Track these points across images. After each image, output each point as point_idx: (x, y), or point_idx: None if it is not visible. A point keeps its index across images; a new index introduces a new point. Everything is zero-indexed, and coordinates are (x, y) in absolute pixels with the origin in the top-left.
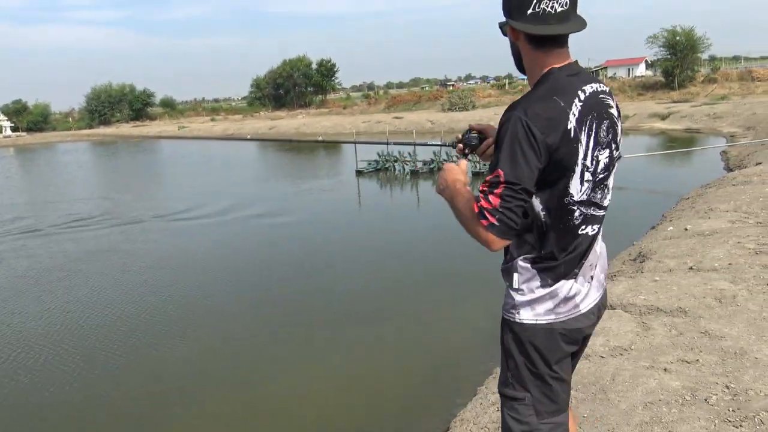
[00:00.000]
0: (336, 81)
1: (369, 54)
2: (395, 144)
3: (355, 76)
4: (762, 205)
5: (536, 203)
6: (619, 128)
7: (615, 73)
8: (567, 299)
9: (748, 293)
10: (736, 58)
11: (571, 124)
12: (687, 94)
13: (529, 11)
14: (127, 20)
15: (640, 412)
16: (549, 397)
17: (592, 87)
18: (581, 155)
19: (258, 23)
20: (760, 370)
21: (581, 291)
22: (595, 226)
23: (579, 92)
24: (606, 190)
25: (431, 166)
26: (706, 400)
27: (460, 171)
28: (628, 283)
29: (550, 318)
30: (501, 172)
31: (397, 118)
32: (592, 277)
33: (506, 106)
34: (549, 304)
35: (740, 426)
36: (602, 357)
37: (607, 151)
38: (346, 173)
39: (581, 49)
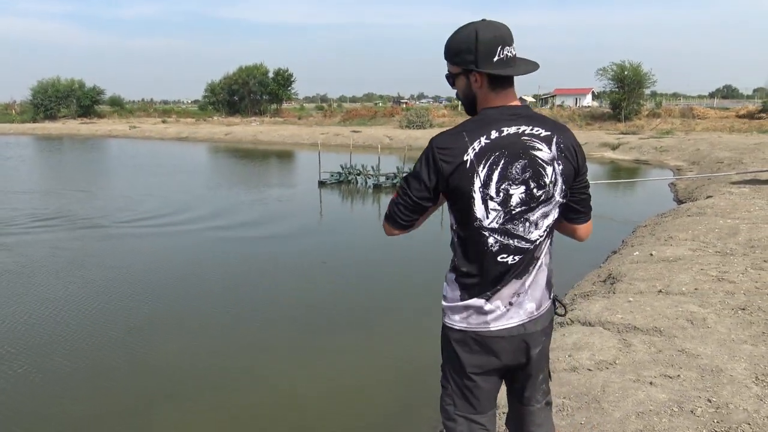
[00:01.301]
0: (292, 91)
1: (322, 66)
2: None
3: (308, 88)
4: (717, 236)
5: (451, 220)
6: (549, 170)
7: (563, 102)
8: (477, 314)
9: (717, 316)
10: (675, 95)
11: (468, 156)
12: (633, 126)
13: (495, 59)
14: (75, 15)
15: (633, 421)
16: (463, 395)
17: (518, 129)
18: (478, 184)
19: (209, 28)
20: (736, 387)
21: (493, 311)
22: (517, 257)
23: (492, 131)
24: (529, 224)
25: (394, 181)
26: (692, 411)
27: None
28: (604, 303)
29: (463, 325)
30: (402, 181)
31: (355, 131)
32: (510, 303)
33: None
34: (463, 313)
35: None
36: (590, 370)
37: (523, 187)
38: (307, 183)
39: (533, 78)
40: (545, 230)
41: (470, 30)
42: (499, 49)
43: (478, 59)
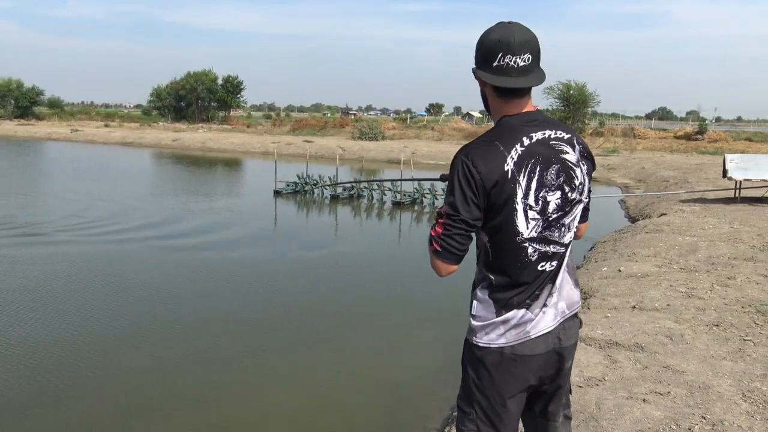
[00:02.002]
0: (242, 99)
1: (270, 75)
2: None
3: (256, 96)
4: (678, 253)
5: (484, 238)
6: (578, 172)
7: None
8: (517, 326)
9: (693, 332)
10: (614, 115)
11: (508, 166)
12: None
13: (494, 64)
14: (11, 12)
15: None
16: (489, 419)
17: (544, 134)
18: (520, 195)
19: (154, 32)
20: (726, 404)
21: (533, 319)
22: (554, 263)
23: (524, 138)
24: (564, 228)
25: (351, 192)
26: (689, 429)
27: None
28: (582, 318)
29: (501, 342)
30: (445, 206)
31: (307, 141)
32: (546, 305)
33: (409, 139)
34: (501, 329)
35: None
36: (580, 386)
37: (558, 192)
38: (262, 193)
39: (478, 92)
40: (574, 231)
41: (489, 29)
42: (499, 55)
43: (480, 60)
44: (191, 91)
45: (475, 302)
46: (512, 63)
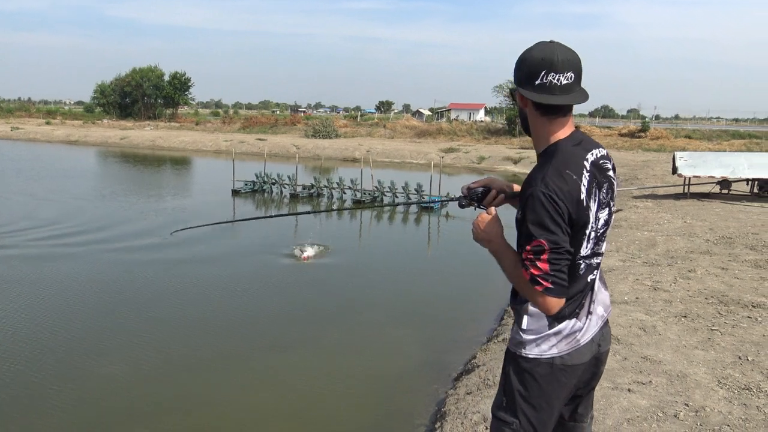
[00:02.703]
0: (190, 96)
1: (217, 72)
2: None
3: (203, 93)
4: (638, 248)
5: None
6: (615, 185)
7: (458, 116)
8: (569, 335)
9: (664, 324)
10: None
11: (583, 194)
12: (526, 141)
13: (537, 82)
14: None
15: (626, 428)
16: (534, 427)
17: (593, 155)
18: (591, 220)
19: (96, 26)
20: (705, 391)
21: (582, 327)
22: (596, 272)
23: (585, 163)
24: (603, 240)
25: (311, 191)
26: (675, 416)
27: (495, 223)
28: None
29: (553, 353)
30: (543, 241)
31: (260, 140)
32: (590, 312)
33: (362, 137)
34: (553, 341)
35: None
36: None
37: (607, 209)
38: (218, 192)
39: (429, 92)
40: None
41: (531, 48)
42: (542, 73)
43: (522, 79)
44: (137, 87)
45: (525, 317)
46: (555, 81)
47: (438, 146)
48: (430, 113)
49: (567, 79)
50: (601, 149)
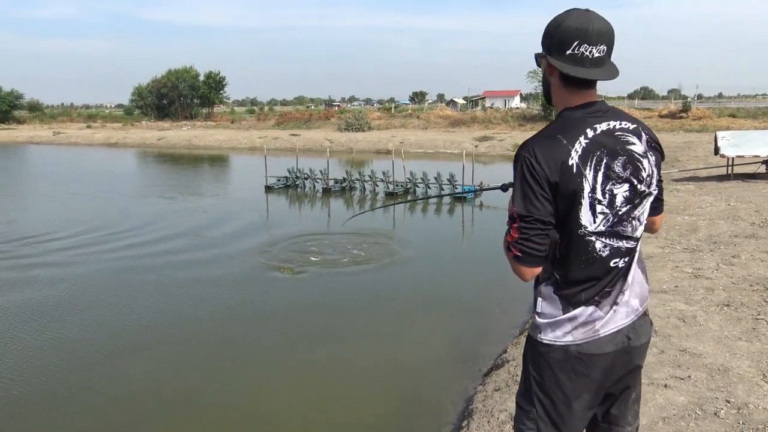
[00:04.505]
0: (225, 95)
1: (251, 70)
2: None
3: (238, 91)
4: (679, 233)
5: (553, 233)
6: (645, 163)
7: (493, 104)
8: (585, 323)
9: (704, 314)
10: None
11: (573, 160)
12: None
13: (568, 52)
14: None
15: (661, 427)
16: (551, 418)
17: (609, 125)
18: (587, 189)
19: (132, 29)
20: (748, 386)
21: (602, 316)
22: (626, 258)
23: (588, 130)
24: (636, 222)
25: (343, 185)
26: (715, 414)
27: None
28: None
29: (567, 340)
30: (514, 208)
31: (294, 135)
32: (617, 303)
33: (396, 129)
34: (567, 327)
35: None
36: None
37: (626, 185)
38: (251, 189)
39: (463, 80)
40: (644, 224)
41: (565, 14)
42: (575, 43)
43: (552, 46)
44: (173, 88)
45: (539, 299)
46: (587, 53)
47: (472, 135)
48: (464, 102)
49: (599, 52)
50: (625, 122)
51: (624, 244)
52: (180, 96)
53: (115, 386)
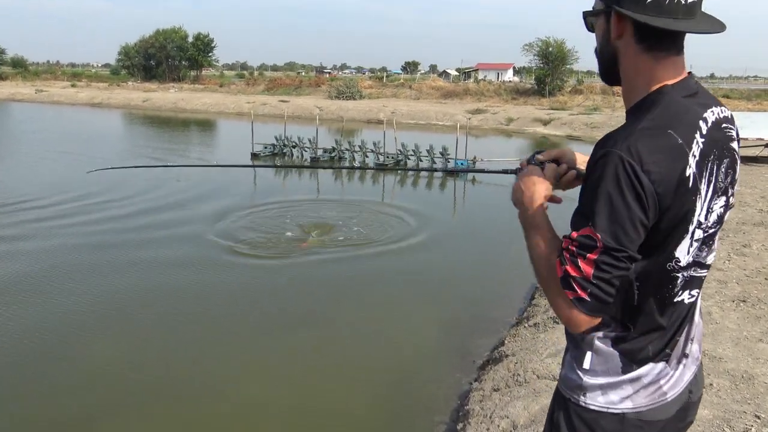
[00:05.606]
0: (213, 57)
1: (242, 34)
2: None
3: (228, 55)
4: None
5: (630, 289)
6: (737, 167)
7: (485, 76)
8: (650, 384)
9: (720, 310)
10: (590, 73)
11: (691, 169)
12: (557, 102)
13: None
14: None
15: None
16: None
17: (714, 113)
18: (698, 211)
19: None
20: None
21: (670, 374)
22: (695, 291)
23: (700, 123)
24: (713, 245)
25: (332, 155)
26: (745, 431)
27: (540, 180)
28: None
29: (626, 406)
30: (598, 235)
31: (283, 101)
32: (686, 355)
33: (387, 98)
34: (627, 390)
35: None
36: None
37: (723, 198)
38: (237, 155)
39: (456, 51)
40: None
41: None
42: None
43: None
44: (161, 49)
45: (589, 353)
46: None
47: (465, 107)
48: (457, 73)
49: None
50: (723, 108)
51: (696, 273)
52: (168, 57)
53: (81, 370)
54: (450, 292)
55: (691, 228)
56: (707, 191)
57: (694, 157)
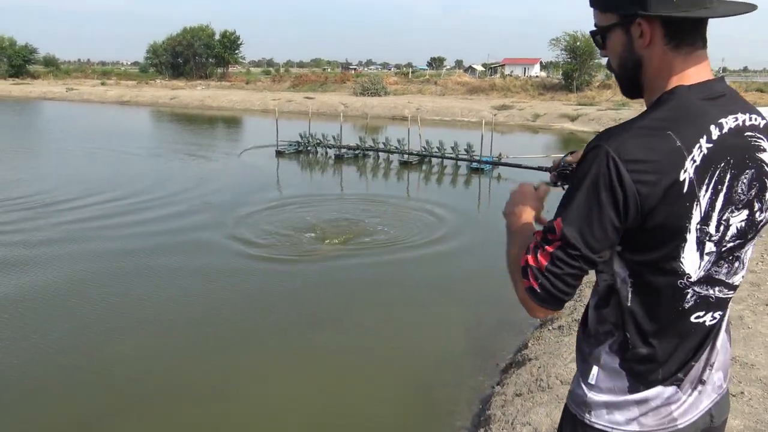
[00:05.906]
0: (239, 55)
1: (268, 30)
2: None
3: (254, 52)
4: None
5: (622, 274)
6: None
7: (512, 71)
8: (659, 408)
9: (752, 314)
10: None
11: (687, 173)
12: (584, 97)
13: None
14: None
15: None
16: None
17: (738, 120)
18: (696, 219)
19: None
20: None
21: (682, 400)
22: (717, 313)
23: (712, 127)
24: (738, 264)
25: (356, 152)
26: None
27: (531, 197)
28: None
29: (632, 429)
30: (560, 225)
31: (308, 98)
32: (703, 381)
33: (413, 94)
34: (633, 412)
35: None
36: None
37: (745, 212)
38: (262, 153)
39: (482, 46)
40: (747, 267)
41: None
42: None
43: None
44: (188, 47)
45: (596, 367)
46: None
47: (491, 103)
48: (483, 69)
49: None
50: (755, 117)
51: (715, 293)
52: (195, 55)
53: (103, 371)
54: (473, 292)
55: (689, 237)
56: (712, 200)
57: (694, 161)
